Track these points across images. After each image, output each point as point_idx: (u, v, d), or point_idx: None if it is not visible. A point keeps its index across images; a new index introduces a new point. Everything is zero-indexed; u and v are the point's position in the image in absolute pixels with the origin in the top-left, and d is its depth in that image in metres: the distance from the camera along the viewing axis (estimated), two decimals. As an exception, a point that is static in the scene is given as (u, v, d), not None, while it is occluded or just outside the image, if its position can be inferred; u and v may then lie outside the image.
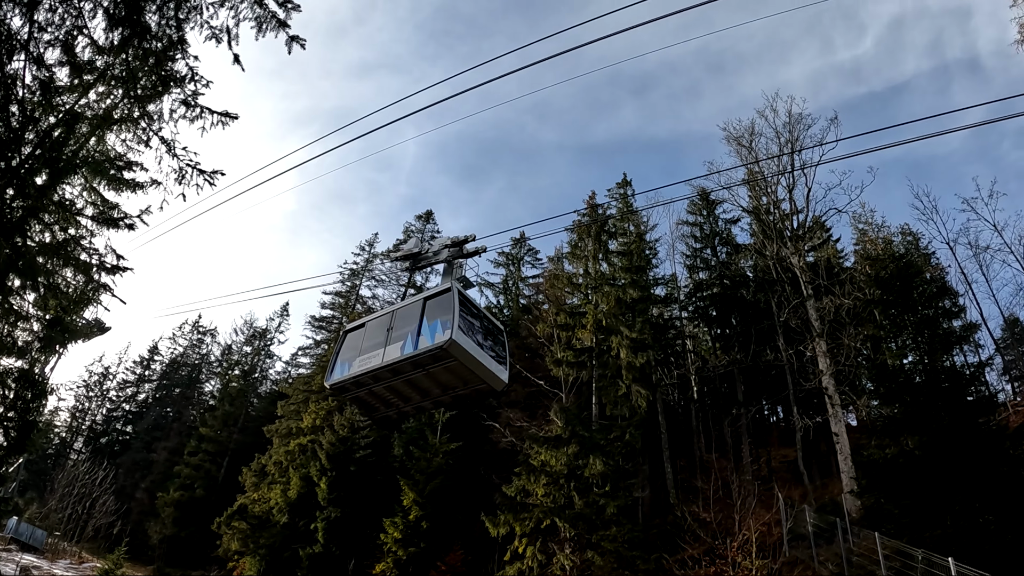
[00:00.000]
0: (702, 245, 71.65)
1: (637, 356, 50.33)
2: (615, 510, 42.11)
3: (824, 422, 50.06)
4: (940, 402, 38.89)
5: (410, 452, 54.47)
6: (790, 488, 50.24)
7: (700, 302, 70.21)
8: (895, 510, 35.61)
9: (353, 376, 22.14)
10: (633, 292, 53.84)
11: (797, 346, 51.92)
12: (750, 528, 37.41)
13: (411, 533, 49.70)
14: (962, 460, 34.56)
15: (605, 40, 16.96)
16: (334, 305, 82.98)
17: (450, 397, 23.09)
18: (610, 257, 58.61)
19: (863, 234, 74.79)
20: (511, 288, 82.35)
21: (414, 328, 21.68)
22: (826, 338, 50.07)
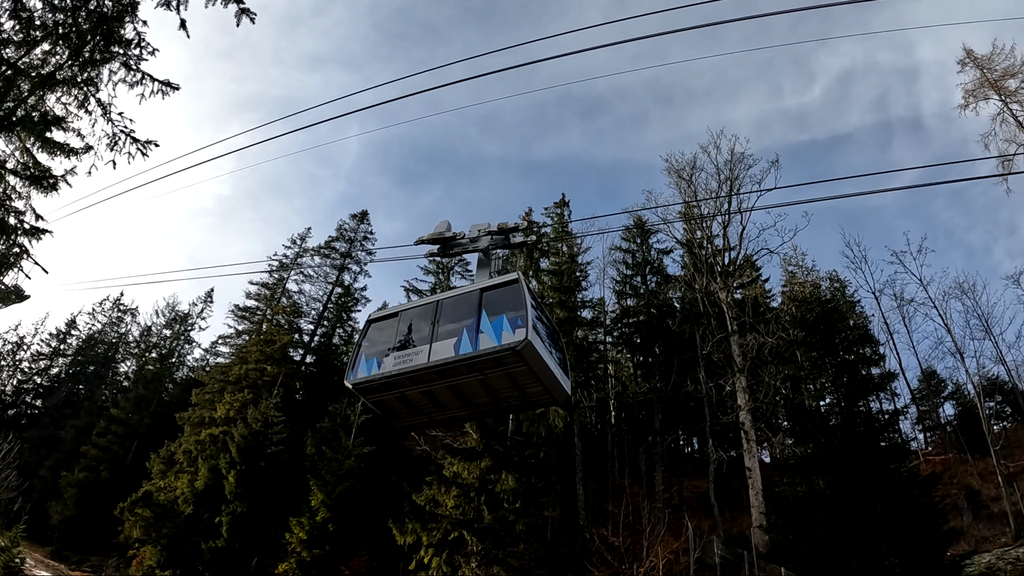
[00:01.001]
0: (633, 272, 71.88)
1: (560, 375, 50.35)
2: (524, 527, 41.89)
3: (738, 456, 50.41)
4: (854, 445, 39.43)
5: (322, 452, 53.63)
6: (700, 519, 50.54)
7: (626, 328, 70.48)
8: (803, 547, 35.98)
9: (385, 376, 19.26)
10: (560, 312, 53.87)
11: (718, 380, 52.41)
12: (658, 555, 37.51)
13: (317, 535, 49.00)
14: (872, 503, 35.05)
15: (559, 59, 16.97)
16: (259, 296, 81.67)
17: (497, 407, 21.26)
18: (541, 275, 58.60)
19: (792, 276, 75.59)
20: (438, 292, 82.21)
21: (471, 323, 19.26)
22: (747, 374, 50.50)
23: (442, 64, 31.79)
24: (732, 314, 53.66)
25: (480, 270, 22.20)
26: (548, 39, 16.44)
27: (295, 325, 73.59)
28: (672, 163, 60.29)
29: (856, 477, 36.51)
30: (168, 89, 25.73)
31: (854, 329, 63.03)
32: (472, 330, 18.85)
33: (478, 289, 20.08)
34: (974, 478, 58.83)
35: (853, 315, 67.95)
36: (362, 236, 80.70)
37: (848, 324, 61.65)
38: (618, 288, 72.48)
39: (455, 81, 18.55)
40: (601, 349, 70.11)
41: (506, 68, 17.53)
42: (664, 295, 67.92)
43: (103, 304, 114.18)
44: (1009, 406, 75.39)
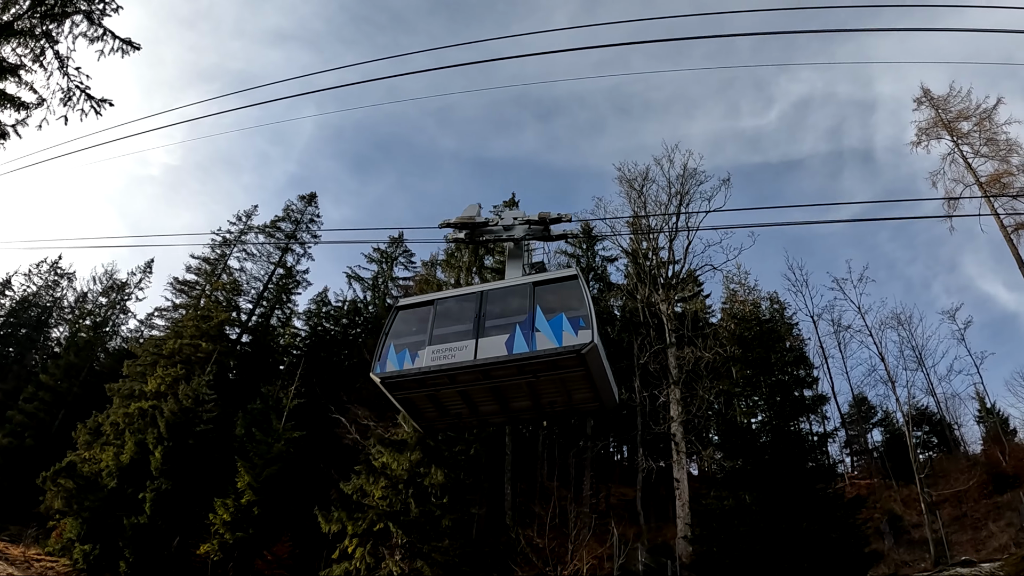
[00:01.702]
0: (576, 278, 71.92)
1: (487, 374, 50.22)
2: (451, 523, 41.77)
3: (667, 467, 50.75)
4: (782, 464, 39.80)
5: (252, 434, 52.88)
6: (626, 526, 50.79)
7: (564, 331, 70.67)
8: (726, 560, 36.22)
9: (421, 372, 17.64)
10: (501, 311, 53.80)
11: (652, 390, 52.47)
12: (582, 559, 37.62)
13: (241, 517, 48.41)
14: (796, 521, 35.40)
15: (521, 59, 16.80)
16: (200, 271, 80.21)
17: (537, 413, 19.29)
18: (484, 272, 58.44)
19: (734, 294, 76.41)
20: (380, 286, 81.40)
21: (524, 320, 17.69)
22: (681, 386, 50.70)
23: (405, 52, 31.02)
24: (671, 326, 53.83)
25: (512, 261, 21.14)
26: (512, 38, 16.32)
27: (234, 303, 72.69)
28: (624, 173, 60.63)
29: (783, 495, 36.85)
30: (129, 48, 25.40)
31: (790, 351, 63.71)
32: (526, 327, 17.49)
33: (530, 283, 18.76)
34: (897, 504, 59.72)
35: (791, 337, 68.70)
36: (308, 218, 79.97)
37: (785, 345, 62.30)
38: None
39: (416, 71, 18.29)
40: (539, 350, 70.25)
41: (468, 63, 17.39)
42: (605, 302, 68.02)
43: (40, 266, 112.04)
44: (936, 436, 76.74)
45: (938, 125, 71.02)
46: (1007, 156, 66.70)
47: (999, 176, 65.92)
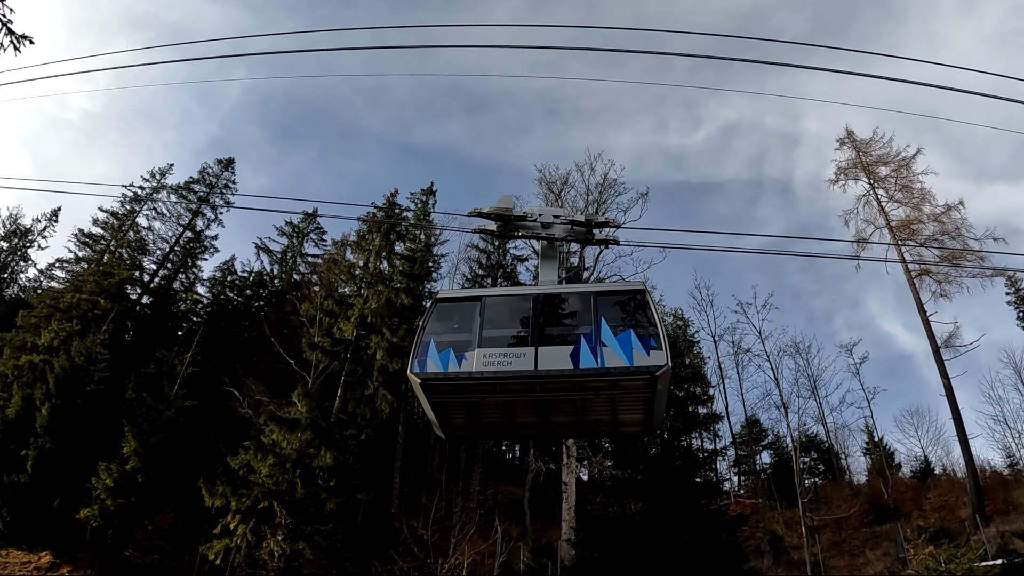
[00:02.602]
0: (485, 273, 71.86)
1: (393, 361, 49.91)
2: (336, 507, 41.43)
3: (557, 470, 50.73)
4: (670, 477, 40.08)
5: (143, 399, 51.57)
6: (512, 525, 50.84)
7: (468, 326, 70.42)
8: (606, 566, 36.39)
9: (471, 377, 16.33)
10: (406, 298, 53.45)
11: (549, 393, 52.53)
12: (464, 554, 37.55)
13: (125, 484, 47.36)
14: (679, 534, 35.67)
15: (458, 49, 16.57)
16: (107, 225, 77.66)
17: (577, 429, 18.87)
18: (393, 258, 58.12)
19: (640, 307, 76.78)
20: (288, 260, 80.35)
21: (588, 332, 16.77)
22: (579, 392, 50.80)
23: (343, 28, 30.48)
24: (575, 331, 53.95)
25: (546, 262, 19.95)
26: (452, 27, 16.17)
27: (138, 262, 70.95)
28: (545, 175, 60.78)
29: (668, 507, 37.21)
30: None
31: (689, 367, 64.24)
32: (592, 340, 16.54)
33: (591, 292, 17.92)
34: (780, 525, 60.75)
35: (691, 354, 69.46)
36: (224, 184, 78.18)
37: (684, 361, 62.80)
38: (467, 286, 71.92)
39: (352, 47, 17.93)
40: (440, 342, 69.97)
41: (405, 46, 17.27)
42: (512, 301, 68.14)
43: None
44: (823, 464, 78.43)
45: (857, 167, 73.21)
46: (919, 204, 69.08)
47: (910, 223, 67.90)
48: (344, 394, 49.74)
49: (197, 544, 43.82)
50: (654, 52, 15.03)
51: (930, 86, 16.36)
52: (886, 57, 16.11)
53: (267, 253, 79.48)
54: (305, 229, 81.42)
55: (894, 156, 72.26)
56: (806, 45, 13.13)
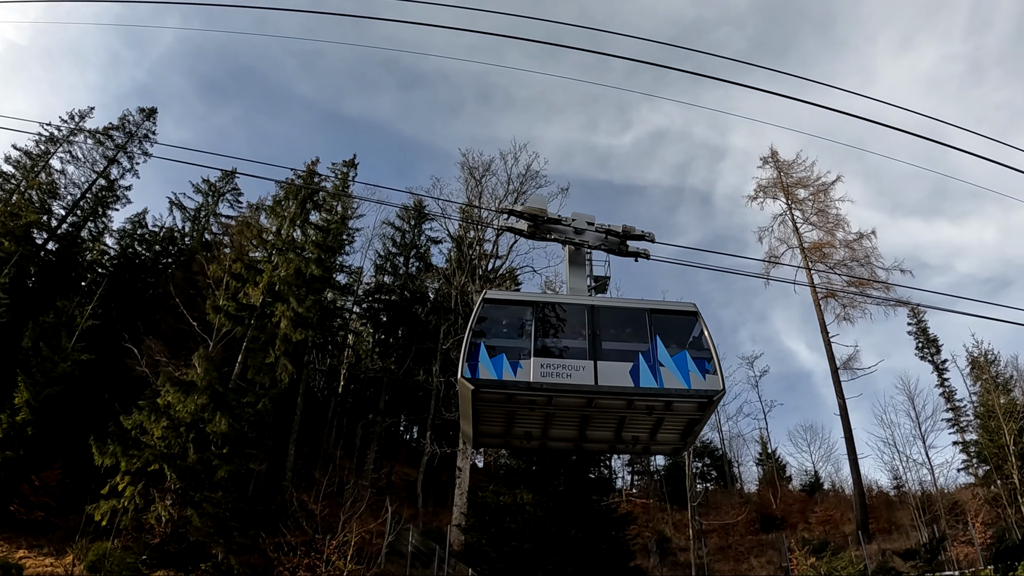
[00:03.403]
0: (399, 251, 71.34)
1: (297, 331, 49.21)
2: (227, 474, 40.76)
3: (452, 454, 50.73)
4: (564, 470, 40.20)
5: (38, 348, 50.16)
6: (404, 506, 50.69)
7: (376, 303, 69.92)
8: (494, 553, 36.40)
9: (530, 387, 16.01)
10: (316, 269, 52.68)
11: (450, 376, 52.44)
12: (353, 531, 37.25)
13: (14, 436, 45.98)
14: (568, 527, 35.79)
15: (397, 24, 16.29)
16: (19, 164, 75.19)
17: (612, 444, 18.62)
18: (307, 228, 57.36)
19: (551, 300, 77.17)
20: (202, 219, 78.83)
21: (645, 350, 16.75)
22: (480, 379, 50.82)
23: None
24: (481, 318, 53.95)
25: (575, 268, 19.74)
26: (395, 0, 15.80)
27: (47, 206, 69.05)
28: (469, 160, 60.73)
29: (559, 500, 37.29)
30: None
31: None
32: (650, 359, 16.60)
33: (645, 309, 17.88)
34: (669, 526, 61.53)
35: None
36: (144, 133, 76.39)
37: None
38: (379, 263, 71.62)
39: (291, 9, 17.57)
40: (347, 317, 69.44)
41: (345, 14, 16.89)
42: (421, 282, 67.82)
43: None
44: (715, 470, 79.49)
45: (778, 186, 74.79)
46: (833, 229, 71.08)
47: (821, 246, 69.57)
48: (245, 361, 48.88)
49: (84, 503, 42.74)
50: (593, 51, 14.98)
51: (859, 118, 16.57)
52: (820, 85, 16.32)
53: (180, 209, 77.86)
54: (222, 189, 79.89)
55: (814, 180, 74.05)
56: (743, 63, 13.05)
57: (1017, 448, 59.12)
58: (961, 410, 73.47)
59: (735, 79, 15.64)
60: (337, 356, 64.84)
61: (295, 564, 36.16)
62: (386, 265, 71.37)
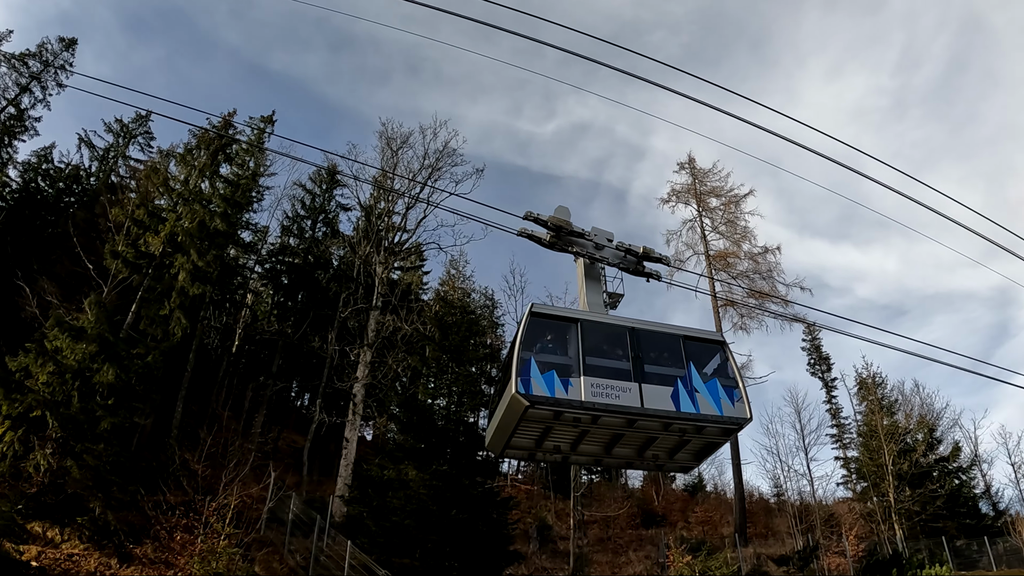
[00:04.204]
0: (307, 215, 70.41)
1: (195, 285, 48.22)
2: (110, 426, 39.71)
3: (341, 424, 50.49)
4: (451, 450, 40.28)
5: (-80, 278, 49.15)
6: (289, 473, 50.23)
7: (279, 265, 69.04)
8: (374, 527, 36.31)
9: (581, 405, 16.10)
10: (221, 223, 51.60)
11: (346, 346, 52.19)
12: (234, 494, 36.73)
13: None
14: (450, 506, 35.87)
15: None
16: None
17: (630, 462, 19.24)
18: (216, 180, 56.22)
19: (452, 278, 77.23)
20: (110, 160, 76.79)
21: (682, 375, 17.33)
22: (374, 351, 50.74)
23: None
24: (382, 290, 53.83)
25: (591, 283, 20.25)
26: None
27: (-50, 130, 67.00)
28: (388, 130, 59.59)
29: (443, 479, 37.30)
30: None
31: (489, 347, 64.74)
32: (686, 384, 17.16)
33: (680, 336, 18.40)
34: (551, 514, 61.97)
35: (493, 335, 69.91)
36: (61, 64, 74.40)
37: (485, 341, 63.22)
38: (287, 224, 70.55)
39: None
40: (247, 276, 68.52)
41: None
42: (326, 247, 67.13)
43: None
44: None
45: (691, 193, 76.45)
46: (740, 241, 73.06)
47: (727, 255, 71.12)
48: (139, 311, 47.77)
49: (-40, 446, 41.60)
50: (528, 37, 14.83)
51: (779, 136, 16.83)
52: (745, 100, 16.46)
53: (89, 148, 75.72)
54: (134, 131, 77.85)
55: (727, 191, 75.99)
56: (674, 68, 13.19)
57: (895, 468, 60.99)
58: (845, 427, 75.94)
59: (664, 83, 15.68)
60: (234, 315, 63.78)
61: (173, 524, 35.52)
62: (293, 227, 70.44)
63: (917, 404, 74.84)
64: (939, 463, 69.61)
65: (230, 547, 32.49)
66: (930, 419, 73.29)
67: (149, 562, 34.41)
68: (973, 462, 78.06)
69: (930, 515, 63.33)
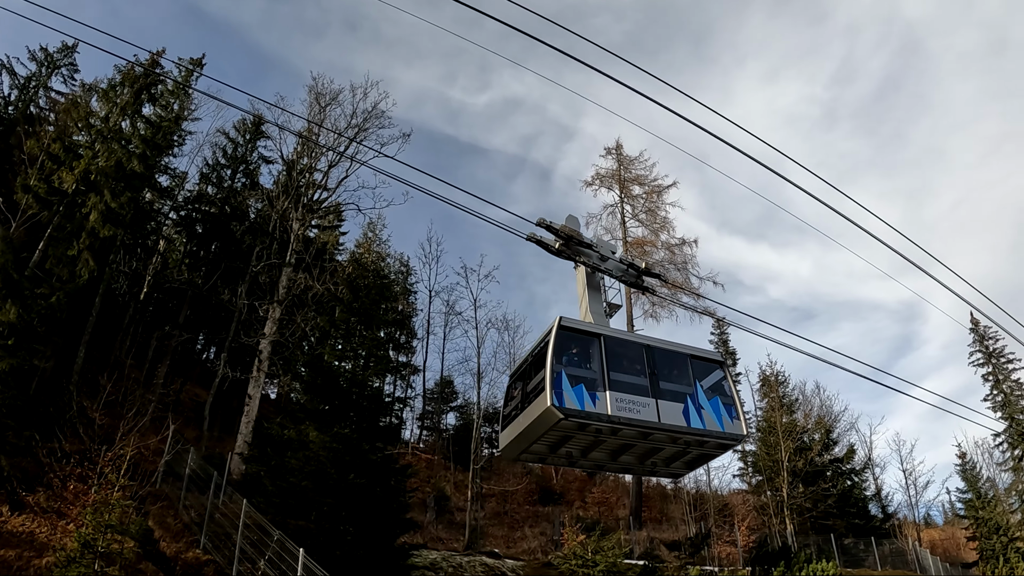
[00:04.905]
0: (228, 164, 69.09)
1: (106, 227, 47.01)
2: (8, 368, 38.68)
3: (245, 381, 50.00)
4: (354, 414, 40.21)
5: None
6: (189, 427, 49.55)
7: (195, 213, 67.78)
8: (271, 487, 36.09)
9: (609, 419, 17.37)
10: (138, 165, 50.26)
11: (255, 300, 51.65)
12: (130, 445, 36.12)
13: None
14: (348, 470, 35.77)
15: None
16: None
17: (630, 469, 20.92)
18: (138, 120, 54.86)
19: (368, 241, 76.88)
20: (31, 89, 74.81)
21: (691, 392, 18.78)
22: (284, 308, 50.40)
23: None
24: (297, 247, 53.51)
25: (593, 292, 21.12)
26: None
27: None
28: (318, 85, 59.58)
29: (344, 442, 37.11)
30: None
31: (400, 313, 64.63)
32: (694, 401, 18.38)
33: (687, 355, 19.80)
34: (450, 485, 62.20)
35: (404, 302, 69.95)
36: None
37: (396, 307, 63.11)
38: (206, 171, 68.90)
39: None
40: (161, 222, 67.23)
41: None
42: (244, 199, 66.04)
43: None
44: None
45: (615, 178, 77.19)
46: (658, 230, 74.70)
47: (643, 243, 72.46)
48: (46, 249, 46.54)
49: None
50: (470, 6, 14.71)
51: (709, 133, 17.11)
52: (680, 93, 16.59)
53: (11, 75, 73.51)
54: (59, 61, 75.57)
55: (651, 180, 76.97)
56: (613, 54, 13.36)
57: (790, 465, 62.42)
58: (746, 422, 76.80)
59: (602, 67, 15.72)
60: (144, 261, 62.39)
61: (67, 473, 34.96)
62: (212, 175, 68.97)
63: (817, 405, 76.91)
64: (833, 463, 71.40)
65: (124, 499, 31.81)
66: (828, 420, 75.54)
67: (41, 511, 33.67)
68: (866, 465, 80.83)
69: (821, 512, 64.91)
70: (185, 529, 35.91)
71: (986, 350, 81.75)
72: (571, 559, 43.79)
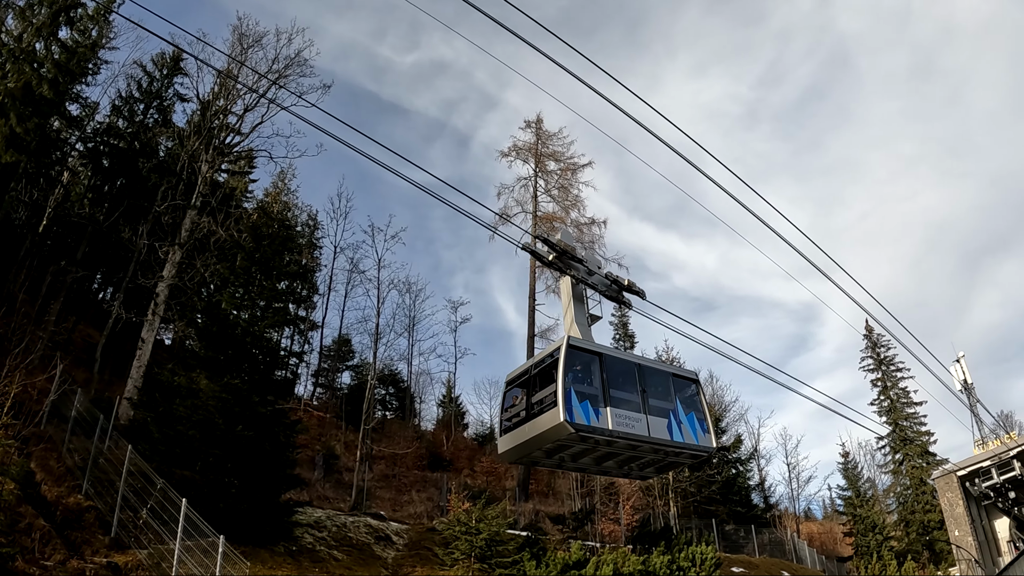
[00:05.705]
0: (141, 97, 67.27)
1: (9, 152, 44.93)
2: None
3: (140, 324, 49.08)
4: (247, 365, 39.94)
5: None
6: (80, 369, 48.36)
7: (103, 147, 66.00)
8: (157, 434, 35.58)
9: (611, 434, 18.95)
10: (48, 91, 48.37)
11: (156, 241, 50.62)
12: (15, 382, 35.13)
13: None
14: (237, 421, 35.64)
15: None
16: None
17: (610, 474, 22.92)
18: (53, 43, 53.00)
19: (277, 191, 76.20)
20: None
21: (672, 408, 20.31)
22: (185, 252, 49.61)
23: None
24: (204, 190, 52.55)
25: (578, 304, 22.33)
26: None
27: None
28: (243, 26, 58.16)
29: (235, 393, 36.82)
30: None
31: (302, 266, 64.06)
32: (675, 416, 19.99)
33: (669, 373, 21.55)
34: (340, 444, 62.27)
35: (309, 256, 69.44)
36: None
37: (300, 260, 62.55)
38: (119, 104, 66.87)
39: None
40: (67, 152, 65.51)
41: None
42: (155, 136, 64.50)
43: None
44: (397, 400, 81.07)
45: (531, 152, 77.55)
46: (569, 208, 76.08)
47: (553, 219, 73.67)
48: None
49: None
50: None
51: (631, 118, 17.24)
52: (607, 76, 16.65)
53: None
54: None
55: (567, 157, 77.94)
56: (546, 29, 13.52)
57: (677, 448, 63.24)
58: (638, 404, 78.22)
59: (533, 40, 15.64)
60: (46, 192, 60.81)
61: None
62: (124, 108, 67.01)
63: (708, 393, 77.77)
64: (720, 451, 72.34)
65: (5, 438, 31.04)
66: (718, 409, 76.76)
67: (-82, 448, 32.70)
68: (752, 456, 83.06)
69: (704, 498, 66.34)
70: (68, 473, 35.13)
71: (877, 357, 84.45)
72: (455, 525, 43.93)
